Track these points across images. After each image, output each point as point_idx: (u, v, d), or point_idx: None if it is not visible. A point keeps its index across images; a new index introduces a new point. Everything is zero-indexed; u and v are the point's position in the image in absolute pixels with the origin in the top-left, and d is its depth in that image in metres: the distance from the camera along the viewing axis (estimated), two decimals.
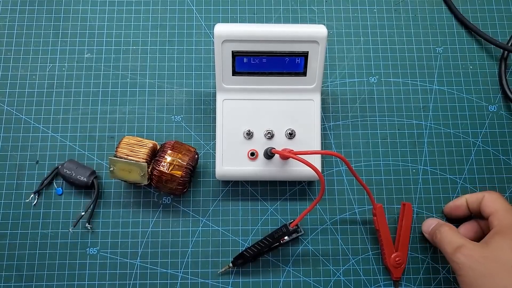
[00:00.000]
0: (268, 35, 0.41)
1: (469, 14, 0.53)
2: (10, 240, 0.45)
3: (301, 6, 0.53)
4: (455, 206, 0.45)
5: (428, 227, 0.44)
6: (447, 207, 0.46)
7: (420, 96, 0.50)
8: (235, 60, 0.42)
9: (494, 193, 0.43)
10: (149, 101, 0.49)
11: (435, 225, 0.44)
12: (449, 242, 0.40)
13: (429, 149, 0.49)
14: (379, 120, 0.49)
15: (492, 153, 0.49)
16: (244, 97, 0.44)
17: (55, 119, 0.48)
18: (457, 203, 0.45)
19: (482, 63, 0.52)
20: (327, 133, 0.49)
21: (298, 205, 0.47)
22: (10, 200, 0.46)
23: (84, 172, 0.45)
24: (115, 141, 0.48)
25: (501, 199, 0.42)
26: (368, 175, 0.48)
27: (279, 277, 0.45)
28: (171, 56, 0.51)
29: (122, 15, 0.52)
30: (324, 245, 0.46)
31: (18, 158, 0.47)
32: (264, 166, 0.43)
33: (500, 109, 0.50)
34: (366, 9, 0.53)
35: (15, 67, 0.50)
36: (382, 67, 0.51)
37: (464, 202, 0.45)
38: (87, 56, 0.50)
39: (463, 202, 0.45)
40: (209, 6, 0.53)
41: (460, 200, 0.45)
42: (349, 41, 0.52)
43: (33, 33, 0.51)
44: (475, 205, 0.43)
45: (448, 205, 0.46)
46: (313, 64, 0.42)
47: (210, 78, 0.50)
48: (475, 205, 0.43)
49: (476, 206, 0.43)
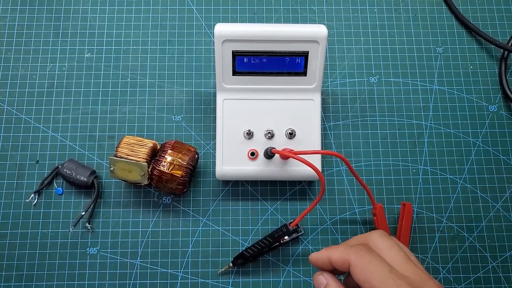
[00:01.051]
0: (268, 35, 0.41)
1: (469, 14, 0.53)
2: (10, 240, 0.45)
3: (301, 6, 0.53)
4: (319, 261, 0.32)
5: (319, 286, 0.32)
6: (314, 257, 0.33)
7: (420, 96, 0.50)
8: (235, 60, 0.42)
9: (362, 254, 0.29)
10: (149, 101, 0.49)
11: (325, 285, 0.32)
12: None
13: (429, 149, 0.49)
14: (379, 120, 0.49)
15: (492, 153, 0.49)
16: (244, 97, 0.44)
17: (55, 119, 0.48)
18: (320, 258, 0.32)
19: (482, 63, 0.52)
20: (327, 133, 0.49)
21: (298, 205, 0.47)
22: (10, 200, 0.46)
23: (84, 172, 0.45)
24: (115, 141, 0.48)
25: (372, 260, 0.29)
26: (368, 175, 0.48)
27: (279, 277, 0.45)
28: (171, 56, 0.51)
29: (122, 15, 0.52)
30: (324, 245, 0.46)
31: (18, 158, 0.47)
32: (264, 166, 0.43)
33: (500, 109, 0.50)
34: (366, 9, 0.53)
35: (15, 67, 0.50)
36: (382, 67, 0.51)
37: (326, 259, 0.32)
38: (87, 56, 0.50)
39: (326, 260, 0.32)
40: (209, 6, 0.53)
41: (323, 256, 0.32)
42: (349, 41, 0.52)
43: (33, 33, 0.51)
44: (343, 269, 0.31)
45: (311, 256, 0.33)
46: (313, 64, 0.42)
47: (210, 78, 0.50)
48: (343, 268, 0.31)
49: (344, 269, 0.31)
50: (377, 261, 0.29)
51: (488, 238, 0.46)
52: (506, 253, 0.46)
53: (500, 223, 0.47)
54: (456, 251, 0.46)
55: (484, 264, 0.46)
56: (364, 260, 0.29)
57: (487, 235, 0.46)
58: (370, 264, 0.29)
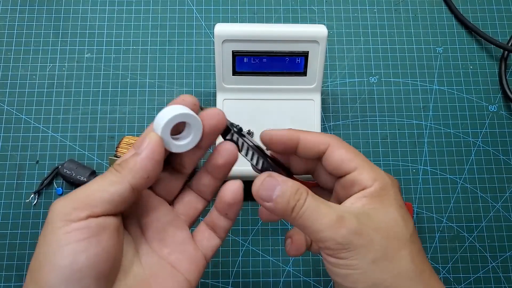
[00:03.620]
0: (269, 35, 0.41)
1: (469, 14, 0.53)
2: (10, 240, 0.45)
3: (301, 6, 0.53)
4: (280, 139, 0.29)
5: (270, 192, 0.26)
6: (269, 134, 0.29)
7: (420, 96, 0.50)
8: (235, 60, 0.42)
9: (340, 140, 0.29)
10: (149, 101, 0.49)
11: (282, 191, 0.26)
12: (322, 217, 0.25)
13: (429, 149, 0.49)
14: (379, 120, 0.49)
15: (492, 153, 0.49)
16: (244, 97, 0.44)
17: (55, 119, 0.48)
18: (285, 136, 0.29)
19: (482, 63, 0.52)
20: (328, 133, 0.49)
21: None
22: (10, 200, 0.46)
23: (84, 172, 0.45)
24: (115, 141, 0.48)
25: (351, 146, 0.29)
26: None
27: (279, 277, 0.45)
28: (171, 56, 0.51)
29: (122, 15, 0.52)
30: None
31: (18, 158, 0.47)
32: None
33: (500, 109, 0.50)
34: (366, 9, 0.53)
35: (15, 67, 0.50)
36: (382, 67, 0.51)
37: (295, 140, 0.29)
38: (87, 56, 0.50)
39: (293, 139, 0.29)
40: (209, 6, 0.53)
41: (292, 135, 0.29)
42: (349, 41, 0.52)
43: (33, 33, 0.51)
44: (310, 152, 0.29)
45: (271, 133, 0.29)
46: (313, 64, 0.42)
47: (210, 78, 0.50)
48: (311, 151, 0.29)
49: (312, 153, 0.29)
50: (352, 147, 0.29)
51: (488, 238, 0.46)
52: (506, 253, 0.46)
53: (500, 223, 0.47)
54: (456, 251, 0.46)
55: (484, 264, 0.46)
56: (344, 144, 0.29)
57: (487, 235, 0.46)
58: (347, 144, 0.29)
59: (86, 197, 0.25)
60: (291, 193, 0.26)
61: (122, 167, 0.26)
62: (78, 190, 0.25)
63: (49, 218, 0.24)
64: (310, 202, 0.26)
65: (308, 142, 0.29)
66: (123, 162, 0.26)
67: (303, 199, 0.26)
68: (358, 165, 0.27)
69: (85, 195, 0.25)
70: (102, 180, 0.25)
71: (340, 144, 0.28)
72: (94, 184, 0.25)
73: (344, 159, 0.28)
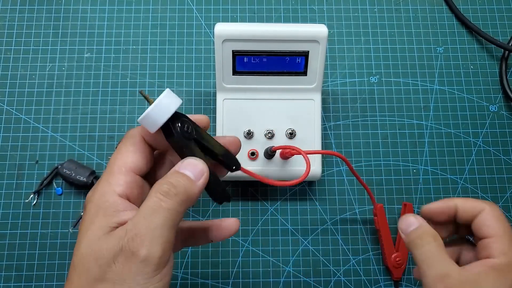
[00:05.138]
0: (269, 34, 0.41)
1: (470, 14, 0.53)
2: (9, 240, 0.45)
3: (301, 6, 0.53)
4: (439, 210, 0.33)
5: (407, 227, 0.33)
6: (428, 208, 0.34)
7: (420, 96, 0.50)
8: (235, 59, 0.42)
9: (496, 208, 0.32)
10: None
11: (416, 228, 0.32)
12: (432, 265, 0.30)
13: (429, 149, 0.49)
14: (380, 120, 0.49)
15: (493, 153, 0.49)
16: (244, 96, 0.44)
17: (55, 119, 0.48)
18: (443, 207, 0.33)
19: (483, 63, 0.51)
20: (328, 133, 0.49)
21: (298, 205, 0.47)
22: (10, 200, 0.46)
23: (83, 172, 0.45)
24: (115, 141, 0.48)
25: (505, 219, 0.31)
26: (369, 175, 0.48)
27: (279, 277, 0.45)
28: (171, 56, 0.50)
29: (122, 15, 0.52)
30: (324, 245, 0.46)
31: (18, 158, 0.47)
32: (264, 166, 0.43)
33: (500, 109, 0.50)
34: (366, 9, 0.53)
35: (15, 67, 0.50)
36: (382, 66, 0.51)
37: (452, 208, 0.33)
38: (87, 56, 0.50)
39: (451, 208, 0.33)
40: (209, 6, 0.52)
41: (449, 204, 0.33)
42: (349, 40, 0.52)
43: (32, 33, 0.51)
44: (467, 217, 0.32)
45: (430, 206, 0.34)
46: (313, 64, 0.42)
47: (210, 78, 0.50)
48: (468, 216, 0.32)
49: (468, 218, 0.32)
50: (506, 218, 0.31)
51: None
52: None
53: None
54: None
55: None
56: (499, 212, 0.31)
57: None
58: (502, 216, 0.31)
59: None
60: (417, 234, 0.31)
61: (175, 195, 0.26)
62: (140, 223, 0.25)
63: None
64: (429, 248, 0.30)
65: (463, 208, 0.32)
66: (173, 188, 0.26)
67: (426, 243, 0.31)
68: (497, 234, 0.30)
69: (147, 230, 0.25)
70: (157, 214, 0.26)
71: (493, 210, 0.31)
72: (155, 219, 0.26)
73: (488, 225, 0.31)
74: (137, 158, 0.29)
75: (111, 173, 0.28)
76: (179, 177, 0.27)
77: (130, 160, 0.29)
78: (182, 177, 0.27)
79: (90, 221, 0.27)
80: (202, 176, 0.28)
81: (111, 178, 0.28)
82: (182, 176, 0.27)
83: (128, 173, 0.28)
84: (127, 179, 0.28)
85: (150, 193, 0.26)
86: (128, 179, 0.28)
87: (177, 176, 0.27)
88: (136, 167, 0.29)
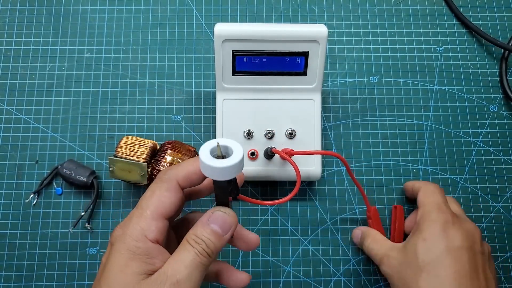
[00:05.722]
0: (269, 34, 0.41)
1: (470, 13, 0.53)
2: (9, 240, 0.45)
3: (301, 6, 0.53)
4: (406, 188, 0.46)
5: (357, 238, 0.44)
6: (406, 185, 0.46)
7: (420, 96, 0.50)
8: (235, 59, 0.42)
9: (430, 186, 0.42)
10: (149, 101, 0.49)
11: (361, 235, 0.44)
12: (375, 255, 0.41)
13: (429, 149, 0.49)
14: (380, 120, 0.49)
15: (492, 153, 0.49)
16: (244, 96, 0.44)
17: (55, 119, 0.48)
18: (407, 186, 0.45)
19: (483, 63, 0.51)
20: (328, 133, 0.49)
21: (298, 205, 0.47)
22: (10, 200, 0.46)
23: (83, 172, 0.45)
24: (115, 141, 0.48)
25: (435, 193, 0.40)
26: (369, 175, 0.48)
27: (279, 277, 0.45)
28: (171, 56, 0.50)
29: (122, 15, 0.52)
30: (324, 245, 0.46)
31: (18, 158, 0.47)
32: (264, 166, 0.43)
33: (500, 109, 0.50)
34: (366, 9, 0.53)
35: (15, 67, 0.50)
36: (382, 66, 0.51)
37: (410, 188, 0.44)
38: (87, 56, 0.50)
39: (409, 187, 0.45)
40: (209, 6, 0.52)
41: (409, 185, 0.45)
42: (349, 40, 0.52)
43: (32, 33, 0.51)
44: (416, 194, 0.42)
45: (406, 184, 0.46)
46: (313, 64, 0.42)
47: (210, 78, 0.50)
48: (416, 194, 0.42)
49: (416, 195, 0.42)
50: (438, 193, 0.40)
51: (488, 238, 0.46)
52: (506, 253, 0.46)
53: (501, 223, 0.47)
54: None
55: None
56: (431, 188, 0.41)
57: (488, 235, 0.46)
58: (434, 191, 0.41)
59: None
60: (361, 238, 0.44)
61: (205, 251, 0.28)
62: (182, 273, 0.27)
63: None
64: (368, 244, 0.42)
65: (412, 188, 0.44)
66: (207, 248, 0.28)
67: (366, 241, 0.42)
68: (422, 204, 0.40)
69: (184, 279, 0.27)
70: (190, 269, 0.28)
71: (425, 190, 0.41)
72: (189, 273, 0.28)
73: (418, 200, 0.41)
74: (170, 204, 0.30)
75: (143, 217, 0.29)
76: (211, 237, 0.29)
77: (163, 206, 0.29)
78: (212, 236, 0.29)
79: (124, 264, 0.28)
80: (230, 230, 0.30)
81: (142, 222, 0.29)
82: (212, 234, 0.29)
83: (160, 219, 0.29)
84: (158, 225, 0.29)
85: (186, 246, 0.28)
86: (160, 225, 0.29)
87: (209, 235, 0.29)
88: (167, 213, 0.30)
